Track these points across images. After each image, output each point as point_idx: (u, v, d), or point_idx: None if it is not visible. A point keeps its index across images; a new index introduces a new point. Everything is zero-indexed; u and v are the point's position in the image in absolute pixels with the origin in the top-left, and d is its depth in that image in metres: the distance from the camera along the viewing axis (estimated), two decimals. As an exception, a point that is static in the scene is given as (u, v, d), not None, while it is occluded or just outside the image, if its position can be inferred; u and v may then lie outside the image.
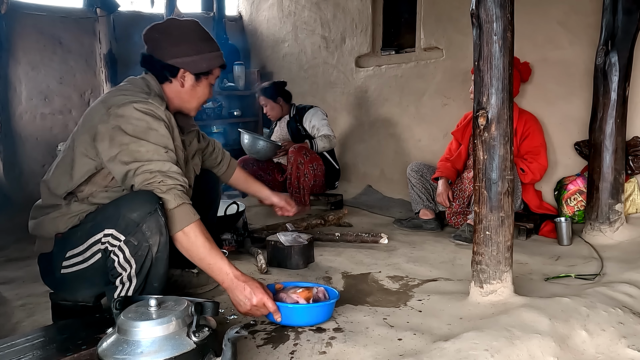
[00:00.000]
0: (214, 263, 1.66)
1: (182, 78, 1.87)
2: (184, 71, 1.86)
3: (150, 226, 1.62)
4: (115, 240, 1.65)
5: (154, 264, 1.67)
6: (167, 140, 1.72)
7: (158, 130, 1.70)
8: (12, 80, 4.31)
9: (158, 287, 1.72)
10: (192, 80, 1.88)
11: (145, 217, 1.61)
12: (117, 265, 1.67)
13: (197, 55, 1.85)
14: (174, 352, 1.24)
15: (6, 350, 1.42)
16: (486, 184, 1.93)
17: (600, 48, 2.85)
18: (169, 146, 1.71)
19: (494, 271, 1.93)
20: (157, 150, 1.68)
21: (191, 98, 1.93)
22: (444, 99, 4.17)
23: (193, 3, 5.77)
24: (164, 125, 1.73)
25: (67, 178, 1.75)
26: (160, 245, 1.65)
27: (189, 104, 1.95)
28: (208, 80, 1.92)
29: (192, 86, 1.90)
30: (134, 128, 1.67)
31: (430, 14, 4.24)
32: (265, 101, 4.12)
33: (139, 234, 1.63)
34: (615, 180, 2.84)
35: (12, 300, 2.26)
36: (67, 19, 4.62)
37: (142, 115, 1.69)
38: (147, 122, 1.69)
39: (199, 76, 1.89)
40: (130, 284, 1.68)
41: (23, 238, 3.30)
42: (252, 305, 1.66)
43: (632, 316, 1.78)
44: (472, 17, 1.92)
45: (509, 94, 1.90)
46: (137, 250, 1.64)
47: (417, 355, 1.56)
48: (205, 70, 1.89)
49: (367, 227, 3.43)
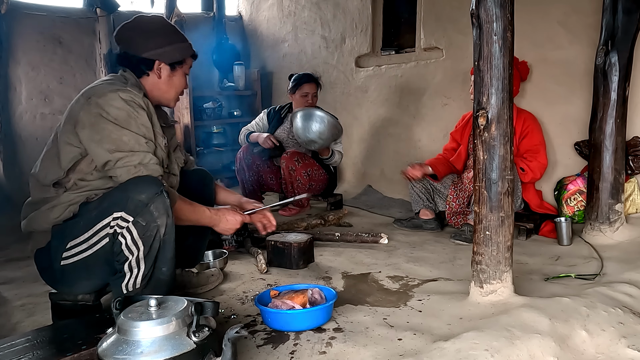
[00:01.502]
0: (201, 219, 1.95)
1: (158, 70, 1.94)
2: (159, 62, 1.93)
3: (158, 207, 1.67)
4: (124, 222, 1.67)
5: (162, 246, 1.70)
6: (147, 130, 1.79)
7: (138, 118, 1.77)
8: (12, 80, 4.31)
9: (167, 272, 1.73)
10: (168, 70, 1.95)
11: (153, 198, 1.67)
12: (124, 248, 1.67)
13: (169, 46, 1.93)
14: (174, 352, 1.24)
15: (6, 350, 1.42)
16: (486, 184, 1.93)
17: (600, 48, 2.85)
18: (147, 135, 1.79)
19: (494, 271, 1.93)
20: (138, 140, 1.75)
21: (169, 88, 1.99)
22: (444, 99, 4.17)
23: (193, 3, 5.78)
24: (144, 112, 1.80)
25: (56, 167, 1.78)
26: (168, 226, 1.70)
27: (168, 94, 2.00)
28: (182, 70, 2.00)
29: (168, 76, 1.96)
30: (116, 115, 1.73)
31: (430, 14, 4.24)
32: (316, 92, 3.96)
33: (147, 215, 1.67)
34: (615, 180, 2.84)
35: (12, 300, 2.27)
36: (67, 19, 4.62)
37: (122, 103, 1.75)
38: (127, 111, 1.75)
39: (173, 66, 1.96)
40: (139, 270, 1.69)
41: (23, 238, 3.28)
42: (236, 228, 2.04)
43: (632, 316, 1.78)
44: (472, 17, 1.92)
45: (509, 94, 1.90)
46: (145, 230, 1.67)
47: (417, 355, 1.56)
48: (179, 59, 1.96)
49: (367, 227, 3.43)
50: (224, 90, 5.41)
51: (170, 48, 1.93)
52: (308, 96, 3.89)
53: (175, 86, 2.00)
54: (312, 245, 2.68)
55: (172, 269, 1.77)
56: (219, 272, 2.36)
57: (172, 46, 1.93)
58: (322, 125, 3.51)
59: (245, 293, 2.24)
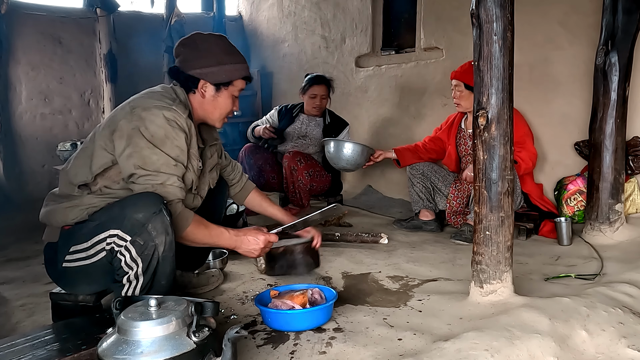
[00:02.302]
0: (219, 240, 1.90)
1: (203, 89, 1.92)
2: (204, 82, 1.91)
3: (156, 226, 1.65)
4: (121, 241, 1.66)
5: (160, 262, 1.69)
6: (180, 152, 1.79)
7: (175, 140, 1.76)
8: (12, 80, 4.32)
9: (166, 284, 1.73)
10: (212, 90, 1.92)
11: (151, 217, 1.64)
12: (123, 265, 1.68)
13: (217, 67, 1.90)
14: (174, 352, 1.24)
15: (6, 350, 1.42)
16: (486, 184, 1.93)
17: (600, 48, 2.85)
18: (179, 158, 1.78)
19: (494, 271, 1.93)
20: (167, 161, 1.74)
21: (213, 109, 1.96)
22: (444, 99, 4.17)
23: (193, 3, 5.78)
24: (183, 135, 1.79)
25: (86, 169, 1.78)
26: (167, 244, 1.69)
27: (212, 115, 1.98)
28: (229, 92, 1.95)
29: (212, 97, 1.93)
30: (152, 134, 1.73)
31: (430, 14, 4.24)
32: (327, 94, 3.89)
33: (145, 234, 1.65)
34: (615, 180, 2.84)
35: (12, 300, 2.27)
36: (67, 19, 4.62)
37: (164, 122, 1.75)
38: (166, 131, 1.75)
39: (218, 87, 1.92)
40: (137, 282, 1.69)
41: (23, 238, 3.32)
42: (261, 249, 1.95)
43: (632, 316, 1.78)
44: (472, 17, 1.92)
45: (509, 94, 1.90)
46: (143, 249, 1.66)
47: (417, 355, 1.56)
48: (224, 81, 1.92)
49: (367, 227, 3.43)
50: (224, 90, 5.40)
51: (217, 68, 1.90)
52: (316, 98, 3.86)
53: (220, 107, 1.96)
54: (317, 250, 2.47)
55: (172, 280, 1.77)
56: (219, 273, 2.36)
57: (219, 67, 1.90)
58: (352, 153, 3.44)
59: (245, 293, 2.24)
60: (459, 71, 3.16)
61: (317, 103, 3.86)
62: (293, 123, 3.96)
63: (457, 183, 3.31)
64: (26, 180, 4.32)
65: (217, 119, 2.00)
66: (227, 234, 1.90)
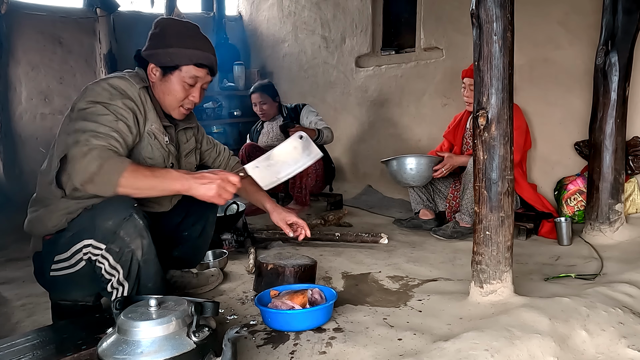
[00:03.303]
0: (166, 179, 1.62)
1: (153, 71, 1.85)
2: (151, 64, 1.85)
3: (129, 231, 1.63)
4: (97, 250, 1.66)
5: (142, 267, 1.67)
6: (124, 112, 1.70)
7: (117, 100, 1.70)
8: (12, 80, 4.31)
9: (153, 287, 1.71)
10: (160, 74, 1.84)
11: (121, 223, 1.62)
12: (104, 273, 1.67)
13: (163, 49, 1.82)
14: (174, 352, 1.24)
15: (6, 350, 1.42)
16: (486, 184, 1.93)
17: (600, 48, 2.85)
18: (121, 116, 1.69)
19: (494, 271, 1.93)
20: (107, 117, 1.66)
21: (163, 94, 1.87)
22: (444, 99, 4.17)
23: (193, 3, 5.78)
24: (129, 101, 1.74)
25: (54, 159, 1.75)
26: (145, 247, 1.66)
27: (164, 100, 1.88)
28: (178, 78, 1.83)
29: (160, 81, 1.85)
30: (95, 96, 1.69)
31: (430, 14, 4.24)
32: (264, 99, 4.02)
33: (118, 241, 1.63)
34: (615, 180, 2.84)
35: (12, 300, 2.27)
36: (67, 19, 4.62)
37: (107, 87, 1.72)
38: (110, 93, 1.71)
39: (165, 70, 1.83)
40: (123, 287, 1.68)
41: (23, 238, 3.29)
42: (218, 185, 1.61)
43: (632, 316, 1.78)
44: (472, 17, 1.92)
45: (509, 94, 1.90)
46: (120, 256, 1.64)
47: (417, 355, 1.56)
48: (169, 64, 1.82)
49: (367, 227, 3.43)
50: (224, 90, 5.42)
51: (163, 51, 1.81)
52: (257, 106, 4.05)
53: (170, 93, 1.86)
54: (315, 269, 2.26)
55: (159, 281, 1.75)
56: (219, 273, 2.36)
57: (165, 49, 1.81)
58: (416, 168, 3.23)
59: (245, 293, 2.23)
60: (471, 69, 3.17)
61: (258, 109, 4.06)
62: (260, 136, 4.15)
63: (457, 184, 3.31)
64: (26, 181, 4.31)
65: (169, 106, 1.89)
66: (176, 173, 1.63)
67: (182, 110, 1.92)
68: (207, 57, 1.85)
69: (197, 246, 2.23)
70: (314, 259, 2.30)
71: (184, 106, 1.91)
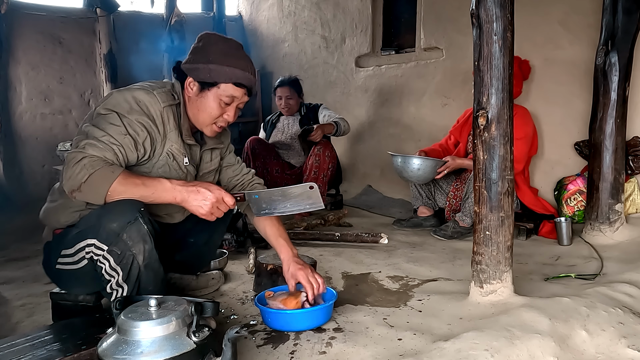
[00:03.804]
0: (157, 190, 1.63)
1: (190, 85, 1.82)
2: (190, 78, 1.81)
3: (132, 235, 1.62)
4: (99, 250, 1.65)
5: (142, 271, 1.66)
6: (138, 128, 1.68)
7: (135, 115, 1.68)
8: (12, 80, 4.32)
9: (154, 290, 1.71)
10: (197, 89, 1.81)
11: (125, 227, 1.61)
12: (104, 273, 1.67)
13: (204, 64, 1.78)
14: (174, 352, 1.24)
15: (6, 350, 1.42)
16: (486, 184, 1.93)
17: (600, 48, 2.85)
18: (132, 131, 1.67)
19: (494, 271, 1.93)
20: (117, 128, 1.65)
21: (197, 110, 1.83)
22: (444, 99, 4.17)
23: (193, 3, 5.79)
24: (146, 118, 1.71)
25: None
26: (146, 252, 1.65)
27: (197, 116, 1.85)
28: (215, 95, 1.79)
29: (197, 96, 1.82)
30: (114, 105, 1.68)
31: (430, 14, 4.24)
32: (291, 94, 4.02)
33: (121, 244, 1.62)
34: (615, 180, 2.84)
35: (12, 300, 2.27)
36: (67, 19, 4.62)
37: (130, 99, 1.70)
38: (131, 107, 1.69)
39: (203, 86, 1.80)
40: (123, 289, 1.68)
41: (23, 238, 3.32)
42: (212, 203, 1.64)
43: (632, 316, 1.78)
44: (472, 17, 1.92)
45: (509, 94, 1.90)
46: (121, 259, 1.64)
47: (417, 355, 1.56)
48: (208, 80, 1.78)
49: (367, 227, 3.43)
50: (224, 90, 5.41)
51: (204, 66, 1.77)
52: (282, 99, 4.04)
53: (204, 110, 1.81)
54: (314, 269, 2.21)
55: (160, 285, 1.74)
56: (219, 276, 2.34)
57: (208, 65, 1.77)
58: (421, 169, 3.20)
59: (245, 293, 2.23)
60: None
61: (283, 104, 4.03)
62: (275, 129, 4.13)
63: (458, 182, 3.31)
64: (26, 180, 4.31)
65: (202, 123, 1.85)
66: (169, 184, 1.63)
67: (215, 128, 1.87)
68: (247, 77, 1.81)
69: (201, 253, 2.20)
70: (314, 259, 2.30)
71: (217, 124, 1.86)
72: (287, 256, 1.95)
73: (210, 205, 1.64)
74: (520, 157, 3.06)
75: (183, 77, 1.84)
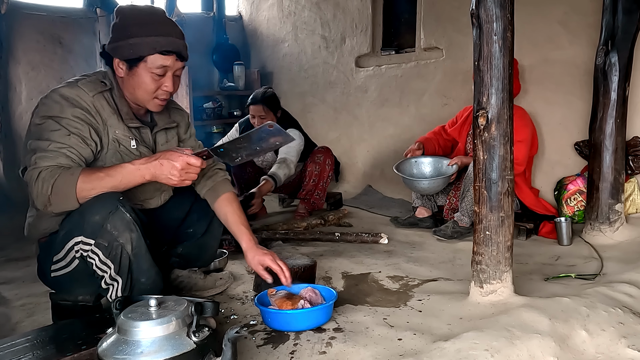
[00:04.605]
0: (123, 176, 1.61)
1: (118, 66, 1.76)
2: (116, 58, 1.75)
3: (116, 224, 1.61)
4: (87, 246, 1.65)
5: (133, 261, 1.66)
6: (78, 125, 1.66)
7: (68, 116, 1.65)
8: (12, 80, 4.31)
9: (147, 281, 1.70)
10: (126, 68, 1.74)
11: (108, 217, 1.60)
12: (96, 269, 1.66)
13: (124, 41, 1.70)
14: (174, 352, 1.24)
15: (6, 350, 1.42)
16: (486, 184, 1.93)
17: (600, 48, 2.85)
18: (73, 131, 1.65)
19: (494, 271, 1.93)
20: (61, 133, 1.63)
21: (133, 88, 1.77)
22: (444, 99, 4.17)
23: (193, 3, 5.78)
24: (82, 112, 1.68)
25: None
26: (134, 241, 1.64)
27: (135, 95, 1.78)
28: (145, 69, 1.72)
29: (128, 75, 1.75)
30: (44, 112, 1.66)
31: (430, 14, 4.24)
32: (265, 113, 3.57)
33: (106, 235, 1.62)
34: (615, 180, 2.84)
35: (12, 300, 2.27)
36: (67, 19, 4.62)
37: (60, 98, 1.68)
38: (61, 106, 1.66)
39: (130, 63, 1.73)
40: (117, 283, 1.68)
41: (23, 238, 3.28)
42: (179, 171, 1.61)
43: (632, 316, 1.78)
44: (472, 17, 1.92)
45: (509, 94, 1.90)
46: (109, 250, 1.63)
47: (417, 355, 1.56)
48: (132, 57, 1.70)
49: (367, 227, 3.43)
50: (224, 90, 5.42)
51: (124, 43, 1.70)
52: (255, 118, 3.62)
53: (140, 86, 1.75)
54: (315, 269, 2.27)
55: (153, 276, 1.72)
56: (228, 276, 2.32)
57: (126, 41, 1.69)
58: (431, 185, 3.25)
59: (245, 293, 2.23)
60: None
61: (256, 123, 3.59)
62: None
63: (459, 181, 3.32)
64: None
65: (142, 100, 1.79)
66: (132, 166, 1.61)
67: (158, 102, 1.81)
68: (171, 42, 1.73)
69: (203, 244, 2.17)
70: (313, 259, 2.30)
71: (158, 97, 1.80)
72: (250, 244, 1.93)
73: (179, 174, 1.61)
74: (521, 159, 3.07)
75: (111, 60, 1.78)
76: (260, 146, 1.67)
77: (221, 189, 2.04)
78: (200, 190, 2.07)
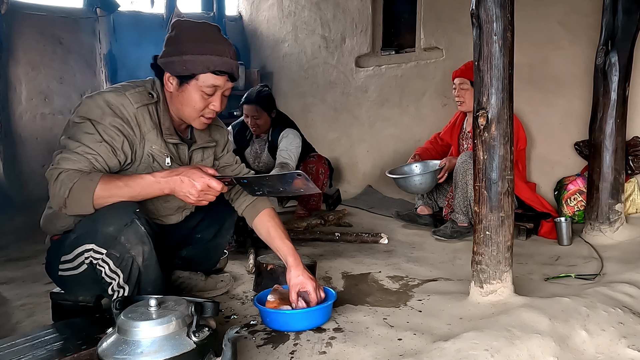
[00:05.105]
0: (142, 188, 1.61)
1: (168, 80, 1.75)
2: (167, 73, 1.74)
3: (129, 238, 1.61)
4: (98, 254, 1.65)
5: (142, 272, 1.67)
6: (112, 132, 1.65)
7: (106, 124, 1.65)
8: (12, 80, 4.31)
9: (152, 291, 1.71)
10: (176, 84, 1.73)
11: (122, 230, 1.60)
12: (105, 276, 1.67)
13: (178, 57, 1.69)
14: (174, 352, 1.24)
15: (6, 350, 1.42)
16: (486, 184, 1.93)
17: (600, 48, 2.85)
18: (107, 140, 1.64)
19: (494, 271, 1.93)
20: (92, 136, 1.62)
21: (180, 105, 1.76)
22: (444, 99, 4.17)
23: (193, 3, 5.78)
24: (122, 122, 1.67)
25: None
26: (145, 254, 1.65)
27: (182, 111, 1.78)
28: (196, 87, 1.71)
29: (177, 91, 1.74)
30: (85, 113, 1.66)
31: (430, 14, 4.24)
32: (258, 113, 3.50)
33: (119, 247, 1.62)
34: (615, 180, 2.84)
35: (12, 300, 2.26)
36: (67, 19, 4.62)
37: (103, 103, 1.66)
38: (103, 111, 1.65)
39: (182, 79, 1.72)
40: (124, 291, 1.69)
41: (23, 238, 3.32)
42: (198, 192, 1.60)
43: (632, 316, 1.78)
44: (472, 17, 1.92)
45: (509, 94, 1.90)
46: (120, 261, 1.64)
47: (417, 355, 1.56)
48: (184, 73, 1.70)
49: (367, 227, 3.43)
50: (223, 90, 5.41)
51: (178, 59, 1.68)
52: (249, 118, 3.55)
53: (187, 104, 1.74)
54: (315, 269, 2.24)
55: (159, 286, 1.74)
56: (229, 278, 2.31)
57: (180, 57, 1.68)
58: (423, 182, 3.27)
59: (245, 293, 2.23)
60: (462, 69, 3.21)
61: (250, 123, 3.57)
62: (247, 150, 3.71)
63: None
64: (26, 180, 4.31)
65: (188, 117, 1.78)
66: (151, 178, 1.60)
67: (204, 120, 1.81)
68: (225, 62, 1.71)
69: (208, 249, 2.19)
70: (313, 259, 2.30)
71: (205, 116, 1.79)
72: (297, 262, 1.87)
73: (197, 194, 1.61)
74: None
75: (161, 73, 1.76)
76: (284, 188, 1.68)
77: (260, 204, 1.99)
78: (238, 206, 2.03)
